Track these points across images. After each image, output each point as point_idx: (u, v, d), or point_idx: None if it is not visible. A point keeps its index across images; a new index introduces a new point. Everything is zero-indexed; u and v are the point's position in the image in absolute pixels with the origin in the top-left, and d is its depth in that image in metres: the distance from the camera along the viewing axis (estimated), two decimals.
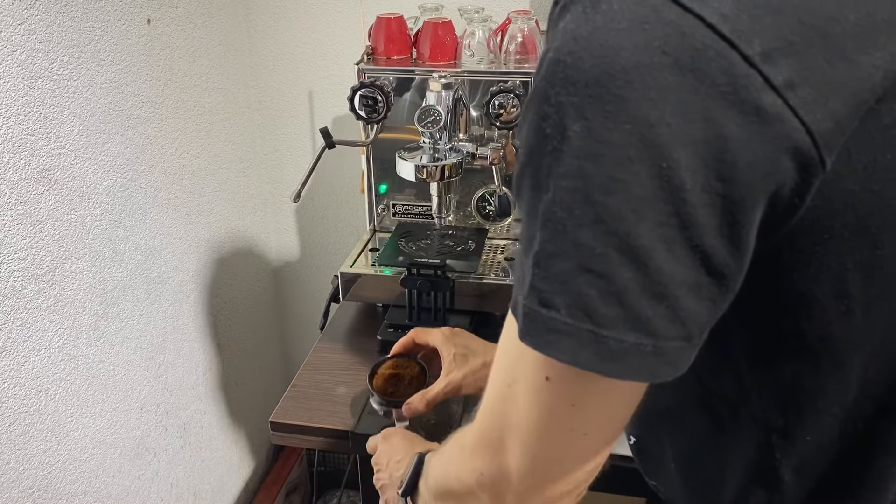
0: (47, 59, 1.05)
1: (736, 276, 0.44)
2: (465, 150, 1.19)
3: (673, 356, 0.44)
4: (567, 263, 0.43)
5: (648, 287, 0.42)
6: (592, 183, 0.41)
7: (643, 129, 0.40)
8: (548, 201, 0.43)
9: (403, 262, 1.23)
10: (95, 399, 1.21)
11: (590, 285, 0.42)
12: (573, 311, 0.43)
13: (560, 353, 0.44)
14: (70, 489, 1.17)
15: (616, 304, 0.42)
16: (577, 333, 0.43)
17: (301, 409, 1.11)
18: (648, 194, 0.40)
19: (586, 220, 0.42)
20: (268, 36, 1.62)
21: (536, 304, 0.44)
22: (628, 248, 0.41)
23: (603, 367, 0.43)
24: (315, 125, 1.68)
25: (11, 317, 1.03)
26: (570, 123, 0.41)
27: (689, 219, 0.41)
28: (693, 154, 0.40)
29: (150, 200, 1.31)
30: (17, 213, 1.02)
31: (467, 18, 1.29)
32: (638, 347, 0.42)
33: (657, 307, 0.42)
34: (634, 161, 0.40)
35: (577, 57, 0.41)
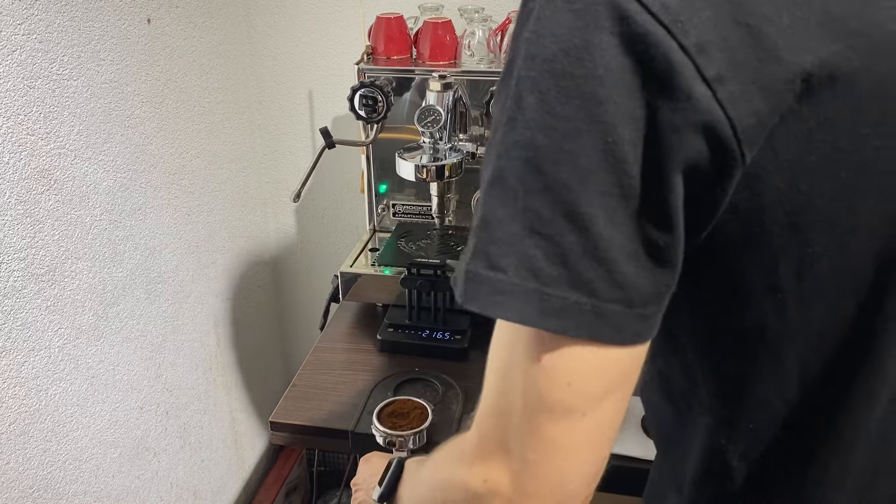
0: (47, 59, 1.05)
1: (671, 249, 0.46)
2: (465, 150, 1.19)
3: (613, 318, 0.46)
4: (515, 227, 0.45)
5: (589, 251, 0.44)
6: (543, 153, 0.44)
7: (591, 105, 0.43)
8: (499, 168, 0.46)
9: (403, 262, 1.23)
10: (95, 399, 1.21)
11: (536, 247, 0.45)
12: (519, 271, 0.45)
13: (506, 312, 0.46)
14: (70, 489, 1.17)
15: (560, 265, 0.45)
16: (523, 293, 0.45)
17: (301, 409, 1.11)
18: (593, 166, 0.44)
19: (536, 188, 0.44)
20: (268, 36, 1.62)
21: (483, 266, 0.46)
22: (574, 215, 0.44)
23: (547, 323, 0.45)
24: (315, 125, 1.68)
25: (11, 317, 1.03)
26: (526, 95, 0.45)
27: (628, 190, 0.44)
28: (633, 129, 0.43)
29: (150, 200, 1.31)
30: (17, 213, 1.02)
31: (467, 18, 1.29)
32: (578, 305, 0.45)
33: (597, 269, 0.45)
34: (582, 134, 0.43)
35: (538, 34, 0.44)
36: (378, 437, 0.99)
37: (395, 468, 0.76)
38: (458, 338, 1.21)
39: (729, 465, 0.58)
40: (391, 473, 0.76)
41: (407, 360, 1.20)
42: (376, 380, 1.14)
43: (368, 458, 0.90)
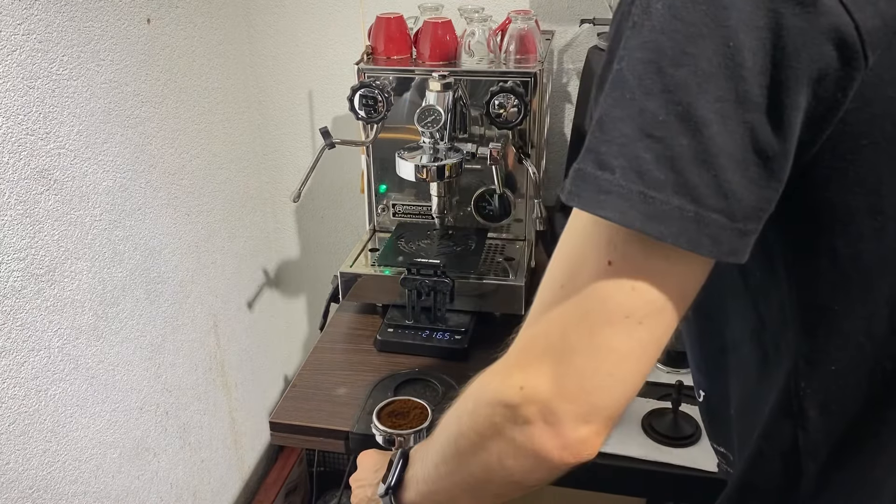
0: (47, 59, 1.05)
1: (780, 162, 0.47)
2: (465, 150, 1.19)
3: (714, 229, 0.46)
4: (629, 128, 0.46)
5: (700, 155, 0.45)
6: (665, 55, 0.46)
7: (716, 10, 0.45)
8: (619, 70, 0.47)
9: (403, 262, 1.23)
10: (95, 399, 1.21)
11: (647, 149, 0.46)
12: (627, 173, 0.46)
13: (609, 211, 0.47)
14: (70, 489, 1.17)
15: (668, 169, 0.45)
16: (628, 194, 0.46)
17: (301, 410, 1.11)
18: (713, 69, 0.45)
19: (655, 88, 0.46)
20: (268, 36, 1.62)
21: (591, 165, 0.47)
22: (689, 117, 0.45)
23: (648, 226, 0.46)
24: (315, 125, 1.68)
25: (11, 317, 1.03)
26: (654, 2, 0.47)
27: (744, 96, 0.45)
28: (755, 38, 0.45)
29: (150, 200, 1.31)
30: (17, 213, 1.02)
31: (467, 18, 1.29)
32: (681, 211, 0.46)
33: (704, 175, 0.45)
34: (705, 38, 0.45)
35: None
36: (378, 437, 0.99)
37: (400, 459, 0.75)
38: (458, 338, 1.21)
39: (805, 413, 0.57)
40: (397, 464, 0.74)
41: (407, 360, 1.20)
42: (376, 380, 1.14)
43: (367, 454, 0.90)
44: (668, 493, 1.09)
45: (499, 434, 0.54)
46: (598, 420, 0.51)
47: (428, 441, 0.72)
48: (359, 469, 0.89)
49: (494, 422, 0.55)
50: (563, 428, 0.51)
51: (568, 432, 0.51)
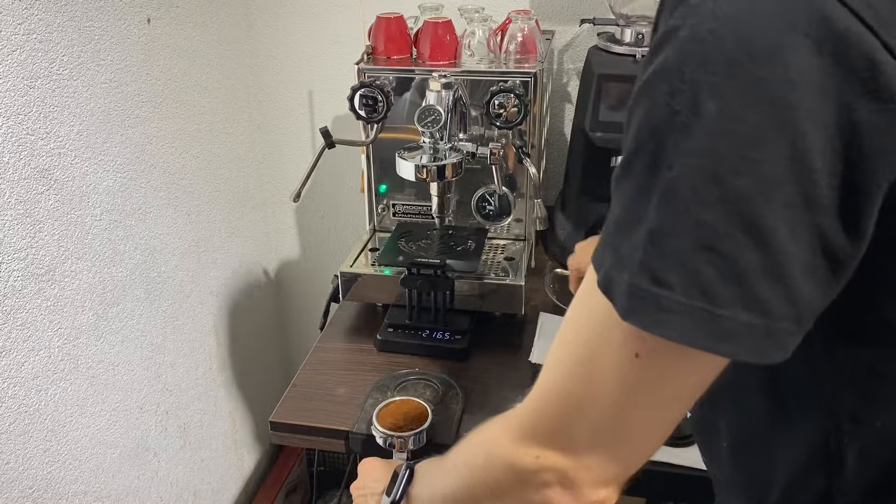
0: (47, 58, 1.05)
1: (850, 261, 0.44)
2: (465, 150, 1.19)
3: (782, 338, 0.44)
4: (686, 241, 0.43)
5: (769, 267, 0.42)
6: (723, 162, 0.42)
7: (781, 111, 0.40)
8: (670, 178, 0.43)
9: (403, 262, 1.23)
10: (95, 399, 1.21)
11: (709, 264, 0.42)
12: (688, 290, 0.43)
13: (671, 331, 0.44)
14: (70, 489, 1.17)
15: (735, 284, 0.42)
16: (691, 312, 0.43)
17: (301, 409, 1.11)
18: (779, 175, 0.41)
19: (712, 199, 0.42)
20: (268, 36, 1.62)
21: (648, 281, 0.44)
22: (754, 229, 0.42)
23: (717, 347, 0.43)
24: (315, 125, 1.68)
25: (11, 317, 1.03)
26: (704, 101, 0.42)
27: (814, 201, 0.41)
28: (825, 136, 0.41)
29: (150, 200, 1.31)
30: (17, 212, 1.02)
31: (467, 18, 1.29)
32: (751, 327, 0.43)
33: (774, 287, 0.42)
34: (769, 142, 0.41)
35: (718, 36, 0.41)
36: (378, 438, 0.98)
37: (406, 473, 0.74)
38: (458, 338, 1.21)
39: (843, 462, 0.55)
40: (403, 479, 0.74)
41: (407, 360, 1.20)
42: (376, 380, 1.14)
43: (369, 462, 0.89)
44: (668, 493, 1.09)
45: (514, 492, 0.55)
46: (617, 482, 0.51)
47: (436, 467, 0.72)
48: (360, 477, 0.88)
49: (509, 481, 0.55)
50: (581, 492, 0.51)
51: (586, 496, 0.51)
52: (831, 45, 0.40)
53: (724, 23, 0.41)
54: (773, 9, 0.41)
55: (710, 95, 0.42)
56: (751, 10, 0.41)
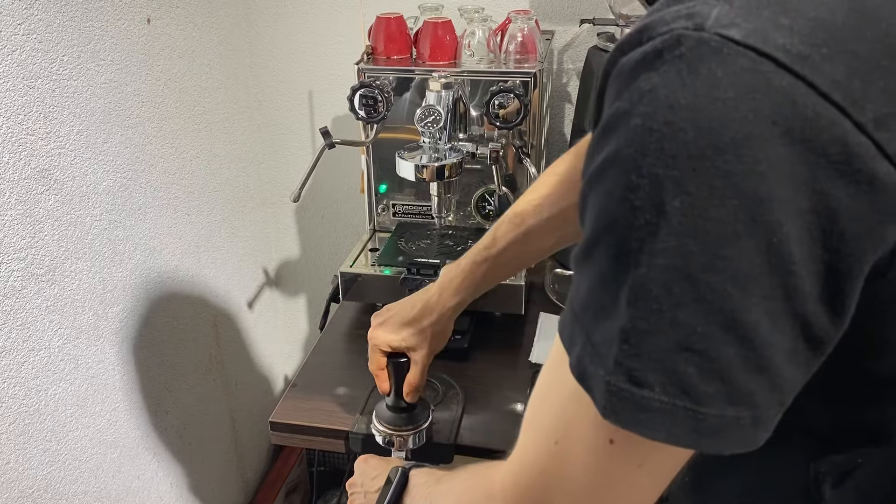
0: (47, 58, 1.05)
1: (833, 341, 0.43)
2: (465, 150, 1.19)
3: (769, 423, 0.43)
4: (663, 342, 0.41)
5: (752, 360, 0.40)
6: (695, 261, 0.39)
7: (752, 205, 0.38)
8: (640, 277, 0.41)
9: (403, 262, 1.23)
10: (95, 399, 1.21)
11: (688, 363, 0.40)
12: (668, 389, 0.41)
13: (653, 432, 0.42)
14: (70, 489, 1.17)
15: (717, 381, 0.40)
16: (673, 411, 0.41)
17: (301, 409, 1.11)
18: (755, 270, 0.39)
19: (687, 298, 0.40)
20: (268, 36, 1.62)
21: (625, 381, 0.42)
22: (733, 325, 0.39)
23: (702, 444, 0.42)
24: (315, 125, 1.68)
25: (11, 317, 1.03)
26: (668, 198, 0.39)
27: (795, 290, 0.39)
28: (802, 225, 0.38)
29: (150, 200, 1.31)
30: (17, 212, 1.02)
31: (467, 18, 1.29)
32: (738, 420, 0.41)
33: (758, 379, 0.41)
34: (742, 237, 0.38)
35: (676, 128, 0.38)
36: (378, 437, 0.98)
37: (399, 479, 0.74)
38: (459, 338, 1.21)
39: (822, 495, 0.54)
40: (396, 484, 0.74)
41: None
42: None
43: (365, 460, 0.89)
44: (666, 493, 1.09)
45: None
46: None
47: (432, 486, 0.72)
48: (356, 474, 0.88)
49: None
50: None
51: None
52: (801, 131, 0.37)
53: (682, 113, 0.38)
54: (734, 95, 0.37)
55: (674, 193, 0.39)
56: (711, 98, 0.38)
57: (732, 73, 0.37)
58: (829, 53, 0.37)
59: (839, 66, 0.37)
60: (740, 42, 0.37)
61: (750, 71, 0.37)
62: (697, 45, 0.38)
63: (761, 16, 0.38)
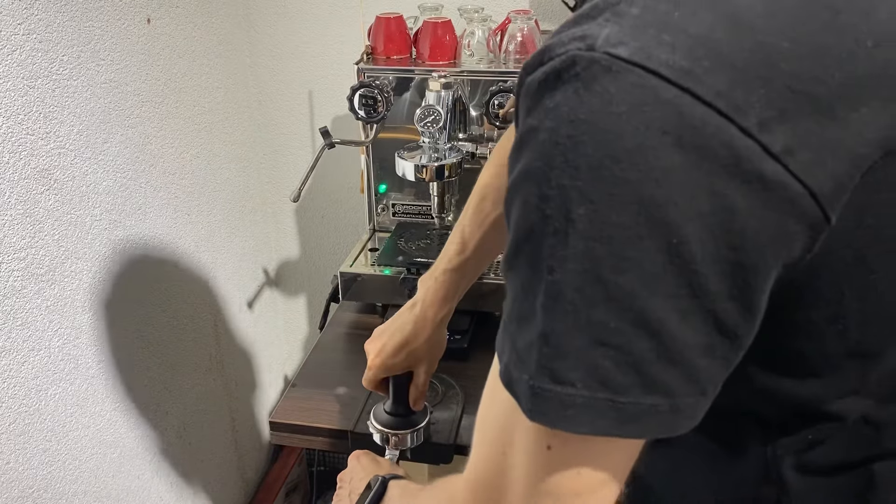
0: (47, 58, 1.05)
1: (748, 334, 0.45)
2: (465, 150, 1.19)
3: (689, 411, 0.45)
4: (580, 340, 0.43)
5: (664, 354, 0.42)
6: (603, 264, 0.42)
7: (650, 209, 0.40)
8: (554, 282, 0.43)
9: (403, 262, 1.23)
10: (95, 399, 1.21)
11: (605, 357, 0.43)
12: (589, 383, 0.43)
13: (578, 426, 0.44)
14: (70, 489, 1.17)
15: (633, 373, 0.43)
16: (594, 404, 0.43)
17: (301, 409, 1.11)
18: (659, 269, 0.41)
19: (598, 299, 0.42)
20: (268, 36, 1.62)
21: (548, 381, 0.44)
22: (643, 322, 0.42)
23: (623, 430, 0.44)
24: (315, 125, 1.68)
25: (11, 317, 1.03)
26: (574, 207, 0.41)
27: (700, 288, 0.42)
28: (701, 227, 0.41)
29: (150, 200, 1.31)
30: (17, 212, 1.02)
31: (467, 18, 1.29)
32: (655, 408, 0.43)
33: (672, 371, 0.43)
34: (644, 239, 0.41)
35: (577, 141, 0.41)
36: (375, 436, 0.98)
37: (378, 488, 0.76)
38: (458, 338, 1.21)
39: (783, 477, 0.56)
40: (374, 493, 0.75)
41: None
42: None
43: (358, 457, 0.89)
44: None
45: None
46: None
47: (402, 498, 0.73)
48: (348, 468, 0.89)
49: None
50: None
51: None
52: (691, 138, 0.39)
53: (582, 127, 0.41)
54: (627, 109, 0.40)
55: (579, 201, 0.41)
56: (606, 112, 0.40)
57: (623, 88, 0.40)
58: (711, 66, 0.40)
59: (721, 77, 0.40)
60: (627, 60, 0.40)
61: (639, 86, 0.40)
62: (590, 65, 0.40)
63: (646, 34, 0.40)
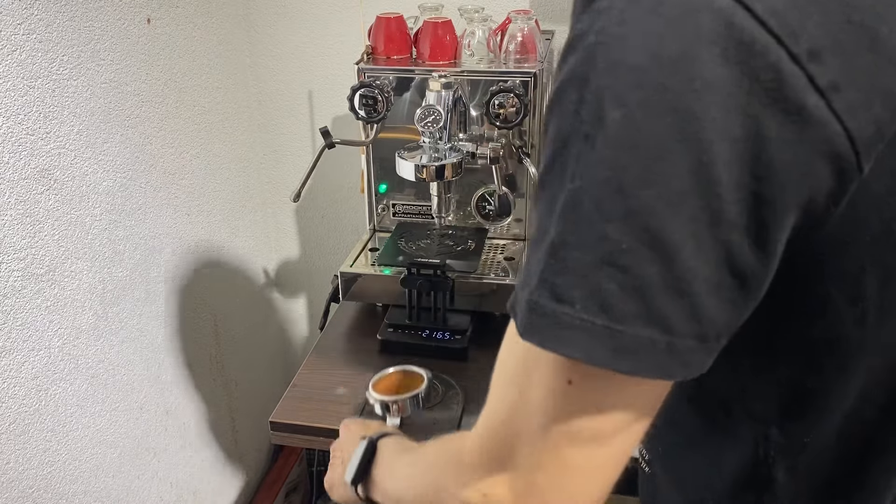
0: (47, 58, 1.05)
1: (759, 280, 0.43)
2: (465, 150, 1.19)
3: (686, 356, 0.43)
4: (588, 256, 0.41)
5: (672, 283, 0.41)
6: (627, 174, 0.40)
7: (685, 122, 0.39)
8: (573, 190, 0.41)
9: (403, 262, 1.23)
10: (95, 399, 1.21)
11: (610, 279, 0.41)
12: (588, 305, 0.41)
13: (572, 349, 0.42)
14: (70, 489, 1.17)
15: (636, 299, 0.41)
16: (591, 328, 0.41)
17: (301, 409, 1.11)
18: (685, 188, 0.39)
19: (616, 212, 0.40)
20: (268, 36, 1.62)
21: (547, 297, 0.42)
22: (658, 243, 0.40)
23: (616, 363, 0.42)
24: (315, 125, 1.68)
25: (11, 317, 1.03)
26: (608, 110, 0.40)
27: (719, 215, 0.40)
28: (731, 149, 0.39)
29: (150, 200, 1.31)
30: (17, 212, 1.02)
31: (467, 18, 1.29)
32: (652, 343, 0.41)
33: (677, 303, 0.41)
34: (674, 153, 0.39)
35: (622, 42, 0.40)
36: (375, 406, 0.95)
37: (367, 447, 0.73)
38: (458, 338, 1.21)
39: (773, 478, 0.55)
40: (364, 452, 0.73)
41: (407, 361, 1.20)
42: None
43: (347, 425, 0.87)
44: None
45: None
46: None
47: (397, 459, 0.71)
48: (341, 437, 0.86)
49: None
50: None
51: None
52: (737, 53, 0.38)
53: (630, 29, 0.40)
54: (679, 14, 0.39)
55: (615, 104, 0.40)
56: (656, 14, 0.39)
57: None
58: None
59: None
60: None
61: None
62: None
63: None
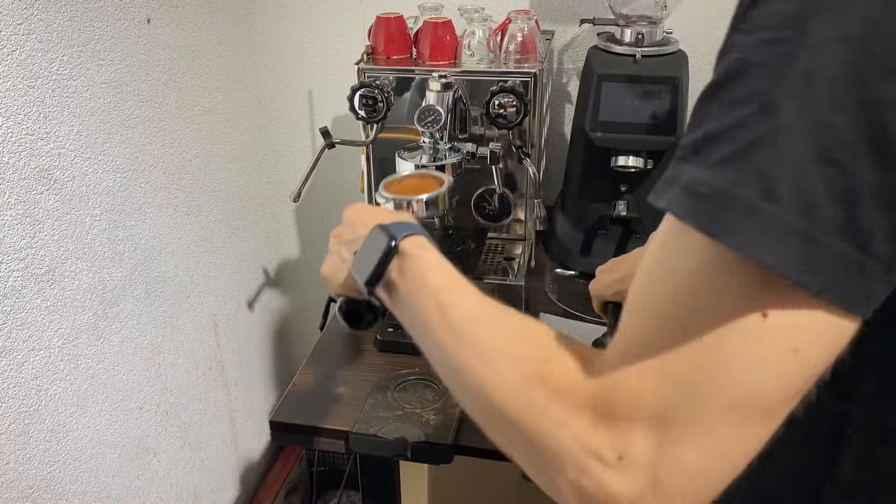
0: (47, 58, 1.05)
1: None
2: (465, 150, 1.19)
3: (871, 283, 0.37)
4: (806, 145, 0.36)
5: (885, 192, 0.35)
6: (873, 59, 0.35)
7: None
8: (807, 66, 0.36)
9: None
10: (95, 399, 1.21)
11: (821, 176, 0.36)
12: (793, 206, 0.36)
13: (770, 256, 0.36)
14: (70, 489, 1.17)
15: (842, 206, 0.36)
16: (785, 233, 0.36)
17: (301, 409, 1.11)
18: None
19: (847, 101, 0.35)
20: (268, 36, 1.62)
21: (756, 191, 0.36)
22: (882, 144, 0.35)
23: (800, 272, 0.36)
24: (315, 125, 1.68)
25: (11, 317, 1.03)
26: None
27: None
28: None
29: (150, 200, 1.31)
30: (17, 212, 1.02)
31: (467, 18, 1.29)
32: (844, 258, 0.36)
33: (883, 219, 0.36)
34: None
35: None
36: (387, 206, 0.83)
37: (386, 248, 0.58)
38: None
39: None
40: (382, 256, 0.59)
41: (407, 360, 1.20)
42: (376, 380, 1.14)
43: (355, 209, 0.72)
44: None
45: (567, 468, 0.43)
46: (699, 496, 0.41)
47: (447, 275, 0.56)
48: (343, 223, 0.73)
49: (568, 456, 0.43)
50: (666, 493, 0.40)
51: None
52: None
53: None
54: None
55: None
56: None
57: None
58: None
59: None
60: None
61: None
62: None
63: None
